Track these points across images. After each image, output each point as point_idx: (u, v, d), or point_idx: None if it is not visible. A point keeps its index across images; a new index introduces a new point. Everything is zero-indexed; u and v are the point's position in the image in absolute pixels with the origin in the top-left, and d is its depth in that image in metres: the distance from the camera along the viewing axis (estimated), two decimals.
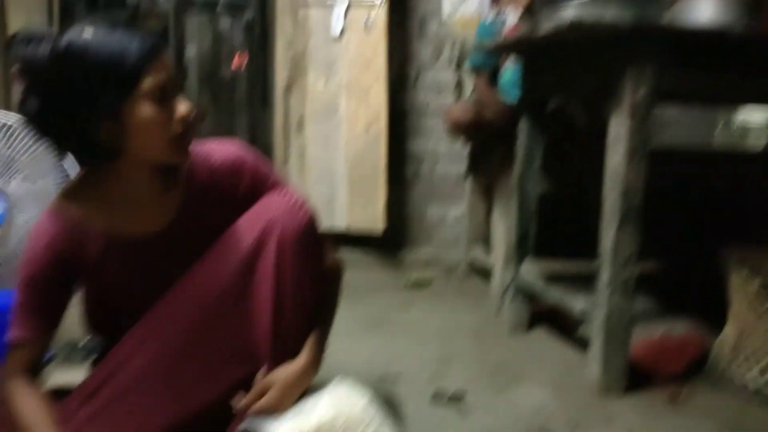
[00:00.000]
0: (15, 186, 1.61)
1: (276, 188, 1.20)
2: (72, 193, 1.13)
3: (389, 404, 1.17)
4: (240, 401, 1.11)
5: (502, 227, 2.33)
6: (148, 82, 1.01)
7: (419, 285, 2.64)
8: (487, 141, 2.46)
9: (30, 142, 1.59)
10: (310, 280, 1.14)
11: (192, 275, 1.14)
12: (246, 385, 1.13)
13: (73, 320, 1.23)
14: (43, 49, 1.01)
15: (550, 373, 1.76)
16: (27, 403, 1.08)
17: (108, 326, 1.20)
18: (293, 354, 1.14)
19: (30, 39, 1.02)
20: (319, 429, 1.03)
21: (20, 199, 1.62)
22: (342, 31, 2.51)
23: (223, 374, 1.14)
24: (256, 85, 3.89)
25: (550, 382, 1.69)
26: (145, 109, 1.02)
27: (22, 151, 1.59)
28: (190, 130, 1.07)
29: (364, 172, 2.57)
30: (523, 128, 2.04)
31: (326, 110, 2.57)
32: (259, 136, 2.97)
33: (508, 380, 1.70)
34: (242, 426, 1.08)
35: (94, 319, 1.20)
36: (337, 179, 2.57)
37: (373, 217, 2.58)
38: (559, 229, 2.19)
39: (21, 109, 1.04)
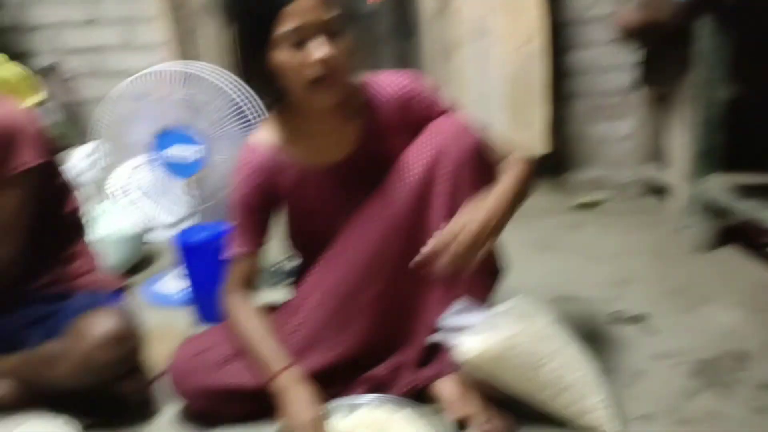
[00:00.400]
0: (206, 128, 1.78)
1: (445, 113, 1.22)
2: (268, 126, 1.26)
3: (568, 324, 1.17)
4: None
5: (682, 139, 2.14)
6: (281, 29, 1.06)
7: (588, 206, 2.54)
8: (660, 45, 2.24)
9: (218, 88, 1.74)
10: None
11: (371, 203, 1.22)
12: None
13: (272, 247, 1.36)
14: None
15: (741, 294, 1.63)
16: (244, 314, 1.24)
17: (306, 246, 1.33)
18: None
19: None
20: (506, 341, 1.06)
21: (215, 142, 1.79)
22: None
23: (404, 288, 1.22)
24: (401, 15, 3.87)
25: (741, 302, 1.58)
26: (281, 54, 1.08)
27: (212, 97, 1.75)
28: (330, 72, 1.09)
29: (522, 92, 2.46)
30: (704, 27, 1.82)
31: (479, 31, 2.47)
32: (409, 66, 2.96)
33: (693, 301, 1.61)
34: (432, 337, 1.15)
35: (295, 240, 1.35)
36: (494, 101, 2.49)
37: (534, 139, 2.49)
38: (749, 137, 1.97)
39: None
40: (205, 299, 1.70)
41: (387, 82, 1.23)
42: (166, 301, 1.85)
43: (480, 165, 1.16)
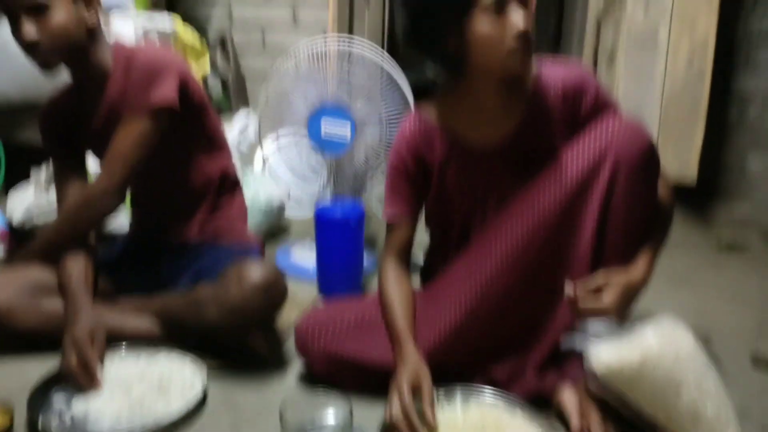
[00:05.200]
0: (360, 107, 1.85)
1: (615, 113, 1.19)
2: (433, 102, 1.29)
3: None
4: (571, 287, 1.11)
5: None
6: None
7: (733, 248, 2.36)
8: None
9: (371, 67, 1.80)
10: (641, 203, 1.14)
11: (521, 196, 1.21)
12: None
13: None
14: None
15: None
16: (390, 282, 1.28)
17: (441, 226, 1.35)
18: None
19: None
20: (644, 361, 1.02)
21: (364, 119, 1.86)
22: None
23: (539, 287, 1.20)
24: (548, 23, 3.77)
25: None
26: (483, 25, 1.08)
27: (364, 76, 1.82)
28: (527, 42, 1.08)
29: (681, 112, 2.33)
30: None
31: (643, 42, 2.37)
32: None
33: None
34: (567, 342, 1.13)
35: (433, 214, 1.36)
36: (649, 117, 2.37)
37: (686, 164, 2.34)
38: None
39: (401, 28, 1.19)
40: (331, 274, 1.78)
41: (558, 72, 1.21)
42: (296, 270, 1.95)
43: (646, 166, 1.13)
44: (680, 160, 2.36)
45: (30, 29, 1.28)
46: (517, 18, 1.06)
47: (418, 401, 1.07)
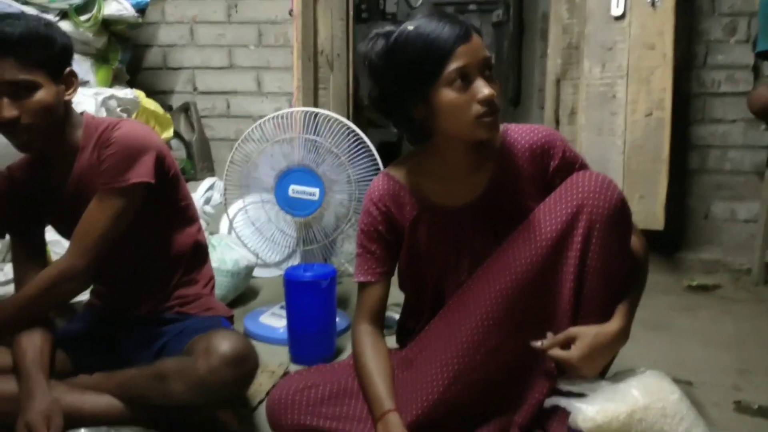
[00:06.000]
0: (327, 169, 1.85)
1: (584, 169, 1.20)
2: (401, 162, 1.29)
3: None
4: (539, 342, 1.12)
5: None
6: (451, 68, 1.08)
7: (703, 289, 2.39)
8: None
9: (339, 132, 1.82)
10: (617, 257, 1.13)
11: (505, 250, 1.19)
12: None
13: None
14: (378, 45, 1.15)
15: None
16: (364, 347, 1.24)
17: (415, 288, 1.32)
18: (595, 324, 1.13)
19: (372, 37, 1.17)
20: (632, 415, 1.00)
21: (333, 180, 1.85)
22: (624, 12, 2.37)
23: (521, 349, 1.16)
24: (509, 84, 3.89)
25: None
26: (448, 93, 1.09)
27: (333, 140, 1.83)
28: (493, 108, 1.10)
29: (643, 163, 2.39)
30: None
31: (601, 98, 2.45)
32: None
33: None
34: (550, 400, 1.10)
35: (406, 276, 1.33)
36: (612, 169, 2.42)
37: (651, 213, 2.39)
38: None
39: (368, 96, 1.19)
40: (303, 337, 1.73)
41: (524, 131, 1.23)
42: (266, 334, 1.89)
43: (620, 221, 1.12)
44: (646, 209, 2.40)
45: (10, 108, 1.25)
46: (482, 84, 1.09)
47: None
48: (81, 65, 2.42)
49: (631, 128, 2.41)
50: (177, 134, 2.84)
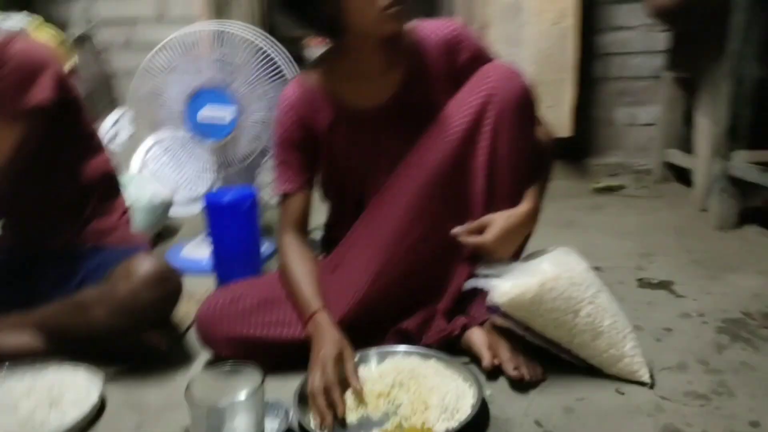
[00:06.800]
0: (240, 88, 1.80)
1: (492, 60, 1.22)
2: (312, 67, 1.27)
3: None
4: (456, 229, 1.16)
5: (708, 120, 2.14)
6: None
7: (609, 190, 2.54)
8: (692, 27, 2.24)
9: (250, 48, 1.76)
10: (525, 144, 1.18)
11: (419, 147, 1.21)
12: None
13: None
14: None
15: (765, 264, 1.64)
16: (291, 255, 1.25)
17: (337, 194, 1.34)
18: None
19: None
20: (543, 286, 1.07)
21: (247, 100, 1.80)
22: None
23: (440, 240, 1.21)
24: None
25: (765, 272, 1.58)
26: None
27: (244, 58, 1.77)
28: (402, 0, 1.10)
29: (552, 72, 2.46)
30: (739, 3, 1.82)
31: (510, 9, 2.48)
32: None
33: (717, 270, 1.62)
34: (469, 283, 1.16)
35: (327, 187, 1.35)
36: None
37: (559, 121, 2.48)
38: None
39: None
40: (228, 262, 1.71)
41: (433, 27, 1.23)
42: (190, 266, 1.87)
43: (527, 110, 1.16)
44: (554, 118, 2.48)
45: None
46: None
47: (341, 372, 1.05)
48: None
49: (539, 39, 2.46)
50: (77, 68, 2.65)
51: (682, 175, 2.48)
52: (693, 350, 1.21)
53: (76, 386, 1.15)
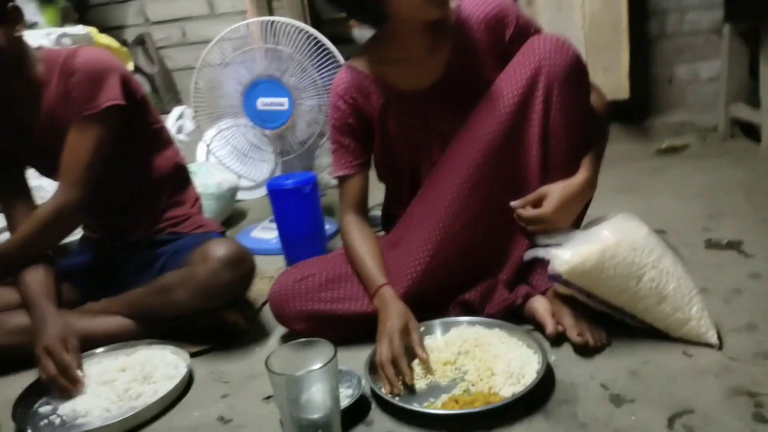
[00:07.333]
0: (293, 78, 1.85)
1: (538, 33, 1.22)
2: (361, 53, 1.31)
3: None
4: (514, 203, 1.19)
5: None
6: None
7: (673, 150, 2.47)
8: None
9: (298, 38, 1.80)
10: (578, 113, 1.18)
11: (463, 132, 1.23)
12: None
13: None
14: None
15: None
16: (353, 235, 1.30)
17: (392, 174, 1.38)
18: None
19: None
20: (604, 253, 1.07)
21: (300, 88, 1.86)
22: None
23: (498, 214, 1.23)
24: None
25: None
26: None
27: (293, 47, 1.82)
28: None
29: (604, 34, 2.40)
30: None
31: None
32: None
33: None
34: (529, 253, 1.18)
35: (382, 168, 1.39)
36: (575, 44, 2.43)
37: (616, 84, 2.42)
38: None
39: None
40: (294, 243, 1.79)
41: (476, 4, 1.24)
42: (260, 247, 1.95)
43: (577, 77, 1.16)
44: (611, 80, 2.43)
45: None
46: None
47: (407, 342, 1.10)
48: (26, 7, 2.33)
49: (588, 1, 2.40)
50: (137, 69, 2.79)
51: (750, 131, 2.38)
52: (762, 310, 1.19)
53: (165, 363, 1.25)
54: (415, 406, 1.00)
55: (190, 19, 2.98)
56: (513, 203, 1.19)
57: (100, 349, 1.32)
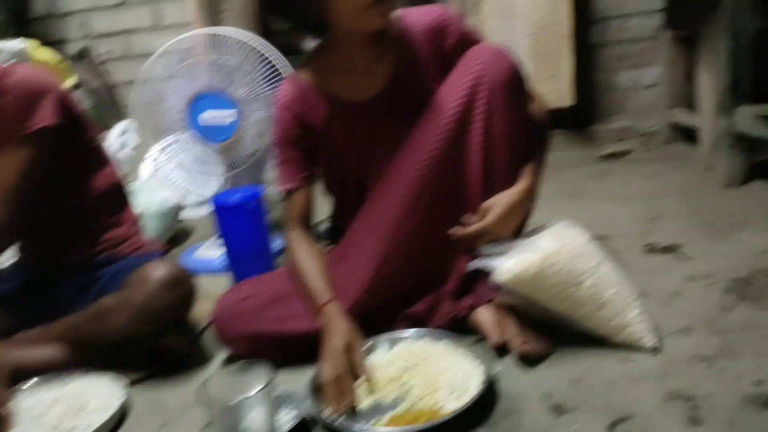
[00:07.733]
0: (239, 90, 1.82)
1: (479, 42, 1.23)
2: (304, 64, 1.29)
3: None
4: (458, 230, 1.18)
5: (710, 76, 2.11)
6: None
7: (615, 156, 2.52)
8: None
9: (244, 50, 1.78)
10: (519, 122, 1.19)
11: (414, 135, 1.23)
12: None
13: None
14: None
15: None
16: (298, 250, 1.28)
17: (339, 187, 1.37)
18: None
19: None
20: (545, 260, 1.08)
21: (247, 101, 1.83)
22: None
23: (442, 224, 1.22)
24: None
25: None
26: None
27: (240, 59, 1.79)
28: None
29: (549, 42, 2.44)
30: None
31: None
32: None
33: (725, 230, 1.61)
34: (473, 263, 1.18)
35: (329, 178, 1.37)
36: (521, 53, 2.47)
37: (561, 90, 2.46)
38: None
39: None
40: (240, 260, 1.75)
41: (419, 15, 1.24)
42: (205, 267, 1.91)
43: (517, 88, 1.17)
44: (556, 87, 2.47)
45: None
46: None
47: (351, 361, 1.08)
48: None
49: (533, 10, 2.44)
50: (79, 84, 2.70)
51: (689, 135, 2.46)
52: (699, 313, 1.22)
53: (100, 393, 1.20)
54: (356, 428, 0.98)
55: (135, 32, 2.92)
56: (452, 231, 1.18)
57: (31, 381, 1.26)
